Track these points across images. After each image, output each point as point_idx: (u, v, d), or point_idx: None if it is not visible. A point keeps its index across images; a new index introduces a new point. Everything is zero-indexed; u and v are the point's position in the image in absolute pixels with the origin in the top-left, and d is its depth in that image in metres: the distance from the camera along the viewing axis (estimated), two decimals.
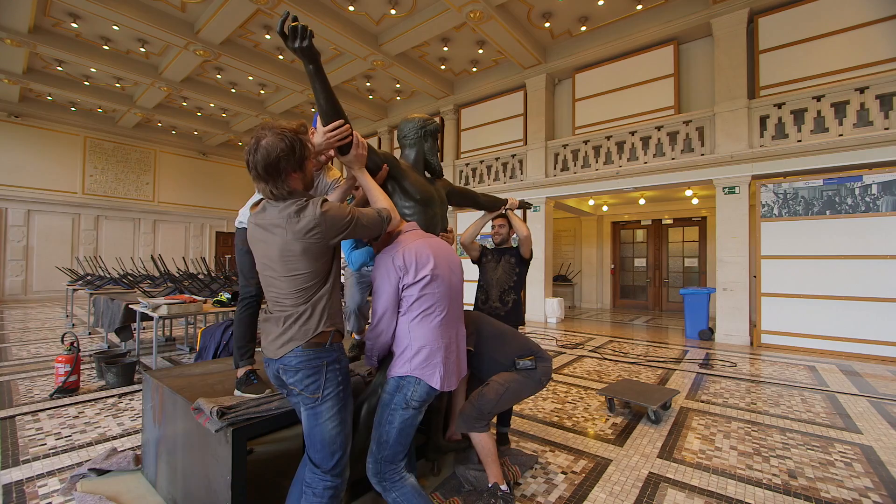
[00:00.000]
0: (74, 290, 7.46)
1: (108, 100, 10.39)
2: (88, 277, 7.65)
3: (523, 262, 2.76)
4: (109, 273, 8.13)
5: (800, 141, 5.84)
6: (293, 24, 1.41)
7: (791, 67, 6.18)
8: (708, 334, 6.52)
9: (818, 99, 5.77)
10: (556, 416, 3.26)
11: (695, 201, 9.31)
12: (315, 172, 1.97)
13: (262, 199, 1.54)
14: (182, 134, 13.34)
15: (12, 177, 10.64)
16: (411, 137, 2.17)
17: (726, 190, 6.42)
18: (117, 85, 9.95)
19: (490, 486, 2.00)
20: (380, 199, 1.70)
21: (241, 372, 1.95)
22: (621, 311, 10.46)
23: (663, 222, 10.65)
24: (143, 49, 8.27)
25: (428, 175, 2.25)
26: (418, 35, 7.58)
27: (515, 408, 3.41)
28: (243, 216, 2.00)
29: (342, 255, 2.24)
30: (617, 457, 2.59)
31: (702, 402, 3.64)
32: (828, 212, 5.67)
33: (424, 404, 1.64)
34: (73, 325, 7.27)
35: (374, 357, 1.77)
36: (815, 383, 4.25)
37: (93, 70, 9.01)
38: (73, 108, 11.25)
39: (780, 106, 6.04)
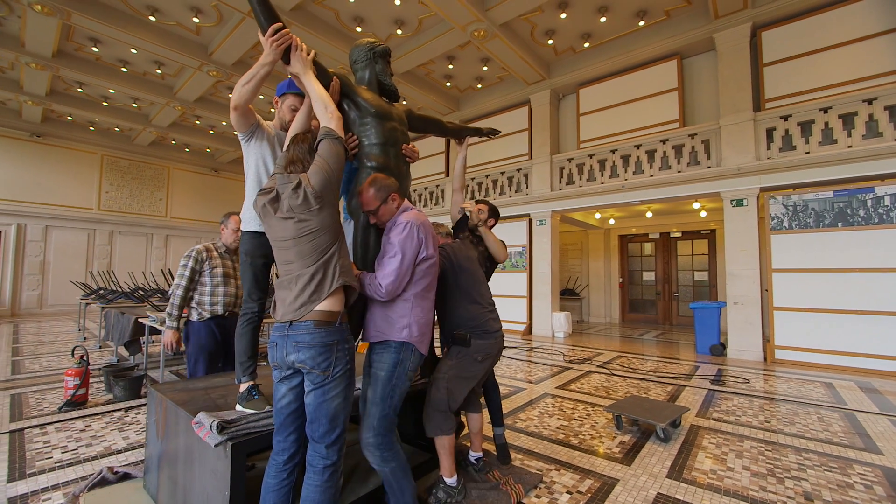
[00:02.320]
0: (87, 304, 7.60)
1: (125, 119, 10.75)
2: (101, 291, 7.79)
3: (493, 262, 2.73)
4: (121, 287, 8.27)
5: (808, 153, 5.79)
6: None
7: (796, 80, 6.18)
8: (719, 349, 6.38)
9: (825, 111, 5.74)
10: (562, 434, 3.19)
11: (703, 214, 9.22)
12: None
13: (271, 188, 1.63)
14: (195, 151, 13.69)
15: (32, 194, 10.98)
16: (362, 61, 2.22)
17: (734, 202, 6.36)
18: (134, 105, 10.31)
19: (440, 478, 2.11)
20: (323, 100, 1.71)
21: (243, 387, 1.95)
22: (630, 326, 10.29)
23: (671, 235, 10.55)
24: (158, 71, 8.58)
25: (386, 100, 2.25)
26: (424, 54, 7.76)
27: (520, 424, 3.36)
28: (247, 220, 2.00)
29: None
30: (624, 476, 2.52)
31: (713, 419, 3.54)
32: (840, 224, 5.57)
33: (415, 373, 1.83)
34: (85, 338, 7.37)
35: (372, 293, 1.77)
36: (833, 401, 4.12)
37: (111, 91, 9.35)
38: (91, 128, 11.65)
39: (786, 118, 6.02)
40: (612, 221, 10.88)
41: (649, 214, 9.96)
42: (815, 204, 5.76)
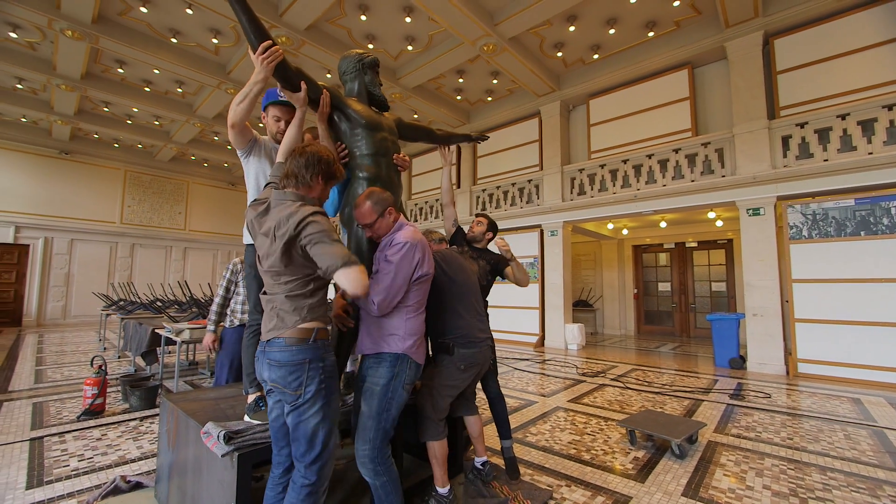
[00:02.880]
0: (108, 315, 7.80)
1: (148, 136, 11.18)
2: (121, 303, 8.00)
3: (495, 275, 2.72)
4: (140, 298, 8.49)
5: (826, 160, 5.66)
6: None
7: (811, 87, 6.07)
8: (739, 363, 6.18)
9: (843, 117, 5.62)
10: (574, 449, 3.12)
11: (719, 223, 9.05)
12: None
13: (264, 199, 1.61)
14: (213, 166, 14.10)
15: (59, 209, 11.43)
16: (351, 72, 2.25)
17: (750, 211, 6.23)
18: (156, 122, 10.71)
19: (432, 487, 2.11)
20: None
21: (250, 398, 1.98)
22: (646, 338, 10.07)
23: (687, 245, 10.36)
24: (179, 89, 8.93)
25: (376, 110, 2.28)
26: (434, 68, 7.90)
27: (530, 438, 3.30)
28: (248, 234, 2.02)
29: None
30: (638, 494, 2.44)
31: (732, 435, 3.42)
32: (862, 232, 5.40)
33: (412, 385, 1.83)
34: (105, 348, 7.56)
35: (364, 308, 1.78)
36: (861, 417, 3.94)
37: (135, 109, 9.75)
38: (116, 145, 12.13)
39: (802, 125, 5.91)
40: (625, 232, 10.75)
41: (663, 224, 9.82)
42: (836, 212, 5.60)
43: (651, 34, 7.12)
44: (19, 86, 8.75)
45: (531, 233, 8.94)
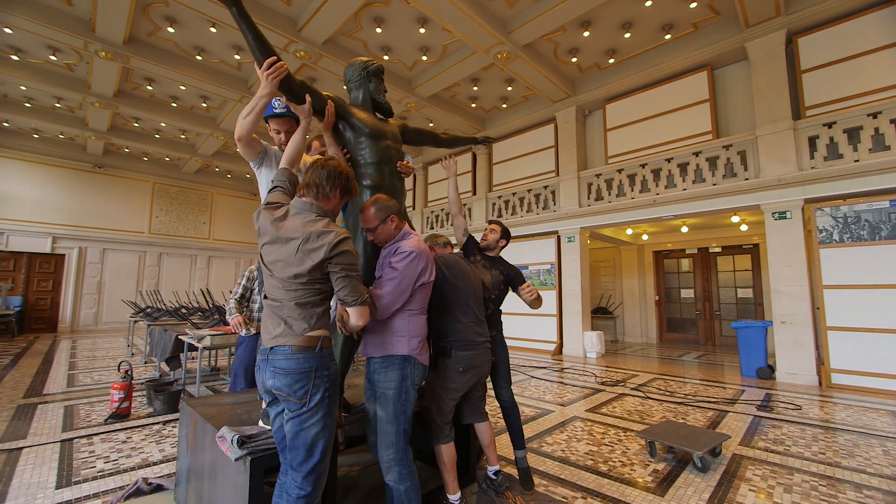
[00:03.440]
0: (135, 321, 8.10)
1: (175, 149, 11.65)
2: (148, 310, 8.30)
3: (508, 286, 2.69)
4: (166, 306, 8.78)
5: (857, 161, 5.42)
6: None
7: (839, 85, 5.85)
8: (767, 372, 5.93)
9: (874, 116, 5.38)
10: (591, 460, 3.05)
11: (744, 228, 8.76)
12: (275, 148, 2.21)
13: (280, 204, 1.63)
14: (236, 177, 14.56)
15: (92, 220, 12.00)
16: (356, 80, 2.28)
17: (776, 215, 6.01)
18: (182, 136, 11.16)
19: (443, 495, 2.12)
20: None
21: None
22: (669, 346, 9.78)
23: (710, 250, 10.06)
24: (204, 104, 9.29)
25: (381, 116, 2.30)
26: (449, 77, 7.98)
27: (546, 448, 3.24)
28: None
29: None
30: None
31: (759, 449, 3.27)
32: None
33: (420, 384, 1.89)
34: (133, 354, 7.83)
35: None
36: None
37: (163, 124, 10.19)
38: (145, 158, 12.68)
39: (830, 125, 5.69)
40: (645, 237, 10.52)
41: (685, 229, 9.57)
42: (869, 215, 5.35)
43: (668, 37, 7.02)
44: (58, 105, 9.28)
45: (548, 239, 8.85)
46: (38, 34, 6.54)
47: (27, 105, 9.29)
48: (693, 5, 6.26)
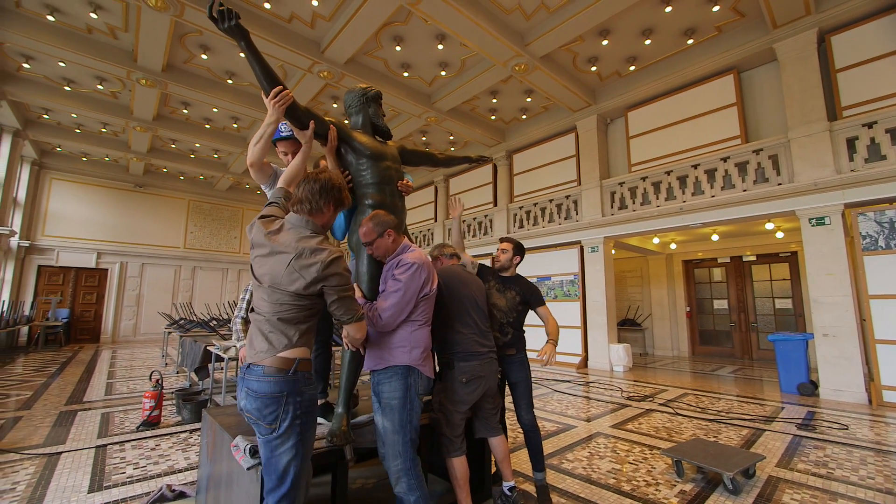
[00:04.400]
0: (169, 332, 8.46)
1: (208, 168, 12.27)
2: (181, 321, 8.66)
3: (527, 305, 2.64)
4: (197, 317, 9.14)
5: None
6: (220, 7, 1.62)
7: (878, 83, 5.54)
8: (810, 388, 5.55)
9: None
10: (613, 478, 2.92)
11: (779, 235, 8.34)
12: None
13: (274, 217, 1.64)
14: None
15: (133, 236, 12.73)
16: (355, 106, 2.37)
17: (814, 221, 5.70)
18: (215, 156, 11.75)
19: None
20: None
21: None
22: (701, 360, 9.32)
23: (744, 259, 9.61)
24: (235, 125, 9.77)
25: (380, 139, 2.36)
26: (468, 91, 8.08)
27: (566, 465, 3.13)
28: None
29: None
30: None
31: (798, 471, 3.05)
32: None
33: (425, 394, 1.89)
34: (167, 364, 8.16)
35: (371, 322, 1.85)
36: None
37: (197, 145, 10.77)
38: (181, 177, 13.40)
39: (870, 125, 5.38)
40: (673, 246, 10.17)
41: (715, 237, 9.20)
42: None
43: (690, 41, 6.88)
44: (104, 129, 9.99)
45: (571, 249, 8.70)
46: (88, 66, 7.11)
47: (77, 131, 10.05)
48: (716, 9, 6.12)
